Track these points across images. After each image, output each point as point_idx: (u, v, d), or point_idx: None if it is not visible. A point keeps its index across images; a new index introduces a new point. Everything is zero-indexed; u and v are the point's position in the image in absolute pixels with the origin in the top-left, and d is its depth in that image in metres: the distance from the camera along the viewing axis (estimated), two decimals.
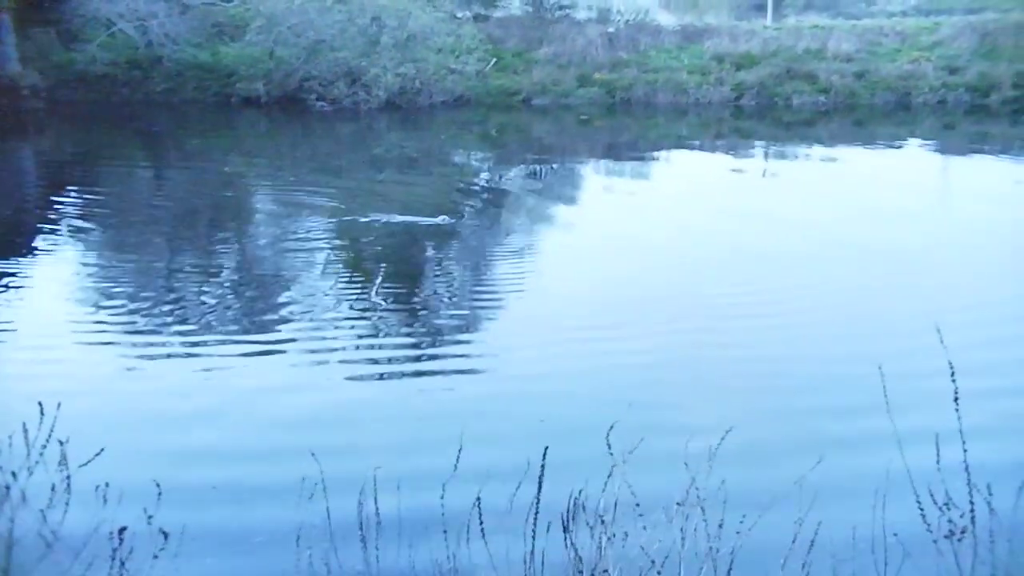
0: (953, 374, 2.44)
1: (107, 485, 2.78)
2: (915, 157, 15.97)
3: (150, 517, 2.61)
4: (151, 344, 6.15)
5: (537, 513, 2.61)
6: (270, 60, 21.26)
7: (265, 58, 21.33)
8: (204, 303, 7.07)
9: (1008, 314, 6.54)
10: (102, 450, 2.83)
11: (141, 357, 5.91)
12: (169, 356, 5.95)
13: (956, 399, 2.40)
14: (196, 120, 20.78)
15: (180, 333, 6.35)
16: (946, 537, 2.35)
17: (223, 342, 6.13)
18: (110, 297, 7.18)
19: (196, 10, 22.54)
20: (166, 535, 2.58)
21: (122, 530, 2.57)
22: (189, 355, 5.93)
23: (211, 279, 7.86)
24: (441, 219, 9.79)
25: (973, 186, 12.81)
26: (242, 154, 16.81)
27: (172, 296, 7.30)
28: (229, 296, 7.35)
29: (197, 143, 18.00)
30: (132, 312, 6.78)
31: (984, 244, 8.82)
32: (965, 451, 2.35)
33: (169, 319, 6.66)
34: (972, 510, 2.31)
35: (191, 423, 4.94)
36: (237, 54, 21.70)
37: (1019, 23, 24.69)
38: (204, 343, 6.13)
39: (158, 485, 2.83)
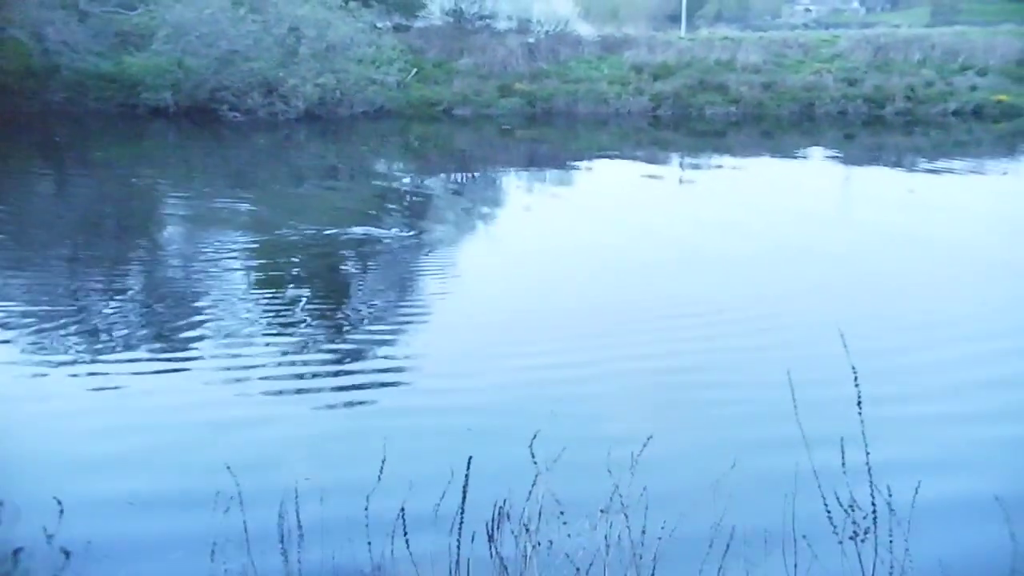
0: (856, 379, 2.57)
1: (1, 504, 2.64)
2: (819, 166, 16.74)
3: (50, 536, 2.49)
4: (54, 362, 5.86)
5: (462, 522, 2.61)
6: (179, 70, 20.60)
7: (173, 68, 20.66)
8: (112, 320, 6.77)
9: (909, 322, 6.91)
10: None
11: (44, 376, 5.63)
12: (74, 375, 5.68)
13: (859, 403, 2.53)
14: (99, 130, 19.92)
15: (85, 351, 6.07)
16: (851, 538, 2.47)
17: (132, 359, 5.89)
18: (11, 315, 6.80)
19: (96, 18, 21.63)
20: (67, 553, 2.47)
21: (17, 551, 2.45)
22: (95, 373, 5.68)
23: (120, 294, 7.55)
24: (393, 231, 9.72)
25: (871, 194, 13.51)
26: (151, 165, 16.21)
27: (77, 313, 6.96)
28: (139, 312, 7.07)
29: (101, 154, 17.26)
30: (35, 330, 6.44)
31: (885, 250, 9.31)
32: (868, 453, 2.48)
33: (74, 337, 6.36)
34: (874, 511, 2.43)
35: (98, 441, 4.76)
36: (143, 64, 20.94)
37: (908, 38, 26.29)
38: (112, 361, 5.87)
39: (59, 502, 2.71)
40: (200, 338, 6.32)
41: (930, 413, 5.14)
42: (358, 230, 9.85)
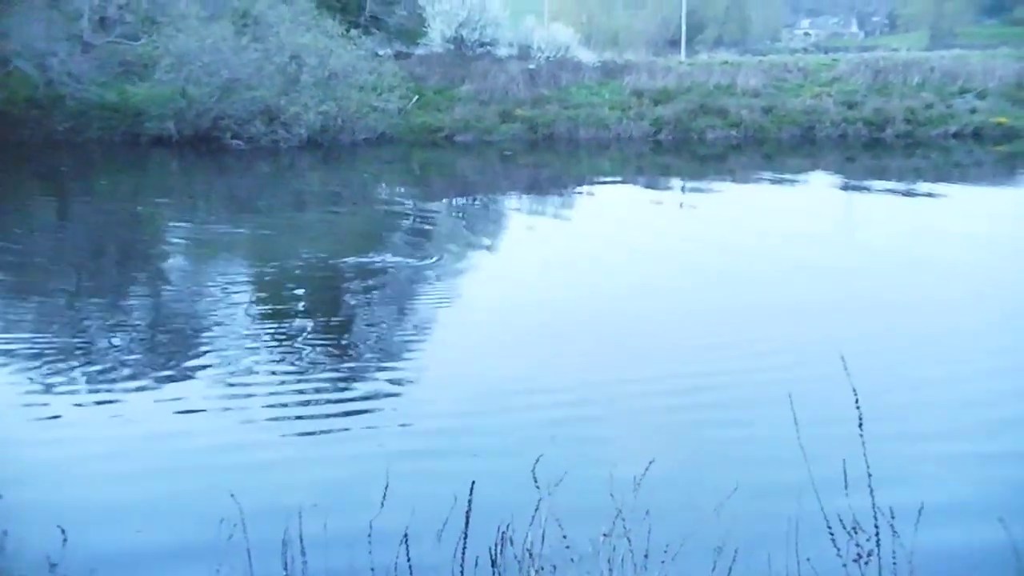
0: (857, 401, 2.57)
1: (5, 534, 2.64)
2: (820, 189, 16.81)
3: (54, 565, 2.49)
4: (58, 390, 5.87)
5: (465, 548, 2.60)
6: (182, 99, 20.83)
7: (176, 97, 20.89)
8: (117, 350, 6.79)
9: (907, 343, 6.90)
10: (0, 497, 2.69)
11: (46, 403, 5.64)
12: (79, 402, 5.70)
13: (860, 424, 2.53)
14: (103, 160, 20.11)
15: (89, 379, 6.09)
16: (854, 561, 2.46)
17: (137, 389, 5.90)
18: (14, 343, 6.82)
19: (100, 48, 21.90)
20: None
21: None
22: (101, 401, 5.70)
23: (125, 324, 7.57)
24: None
25: (873, 216, 13.55)
26: (155, 194, 16.34)
27: (80, 341, 6.99)
28: (143, 341, 7.09)
29: (105, 183, 17.40)
30: (39, 361, 6.45)
31: (887, 272, 9.31)
32: (870, 475, 2.48)
33: (77, 365, 6.38)
34: (877, 534, 2.42)
35: (102, 470, 4.77)
36: (146, 93, 21.20)
37: (907, 61, 26.50)
38: (116, 390, 5.88)
39: (63, 531, 2.70)
40: (205, 367, 6.32)
41: (933, 431, 5.12)
42: (362, 257, 9.88)
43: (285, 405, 5.65)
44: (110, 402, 5.69)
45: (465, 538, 2.62)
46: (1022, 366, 6.30)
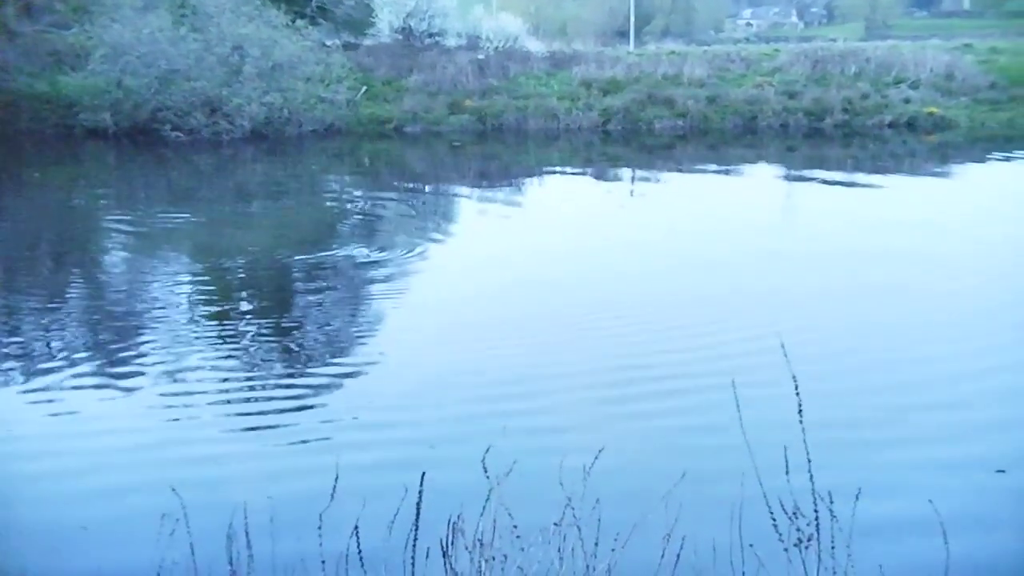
0: (796, 387, 2.64)
1: None
2: (764, 179, 17.18)
3: None
4: None
5: (416, 539, 2.60)
6: (118, 90, 20.17)
7: (112, 88, 20.21)
8: (53, 344, 6.57)
9: (843, 327, 7.12)
10: None
11: None
12: (10, 395, 5.53)
13: (800, 411, 2.59)
14: (35, 152, 19.35)
15: (25, 376, 5.91)
16: (795, 545, 2.53)
17: (74, 385, 5.73)
18: None
19: (27, 37, 21.05)
20: None
21: None
22: (35, 400, 5.54)
23: (62, 319, 7.32)
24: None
25: (812, 205, 13.91)
26: (91, 186, 15.82)
27: (15, 339, 6.74)
28: (81, 337, 6.87)
29: (39, 175, 16.76)
30: None
31: (825, 259, 9.58)
32: (809, 461, 2.55)
33: (12, 362, 6.17)
34: (817, 518, 2.50)
35: (38, 467, 4.67)
36: (79, 84, 20.48)
37: (843, 52, 27.20)
38: (52, 387, 5.70)
39: None
40: (146, 363, 6.17)
41: (870, 418, 5.29)
42: (309, 249, 9.75)
43: (230, 400, 5.56)
44: (47, 401, 5.53)
45: (416, 529, 2.61)
46: (962, 350, 6.53)
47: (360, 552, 2.61)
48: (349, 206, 14.13)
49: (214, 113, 20.41)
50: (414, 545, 2.60)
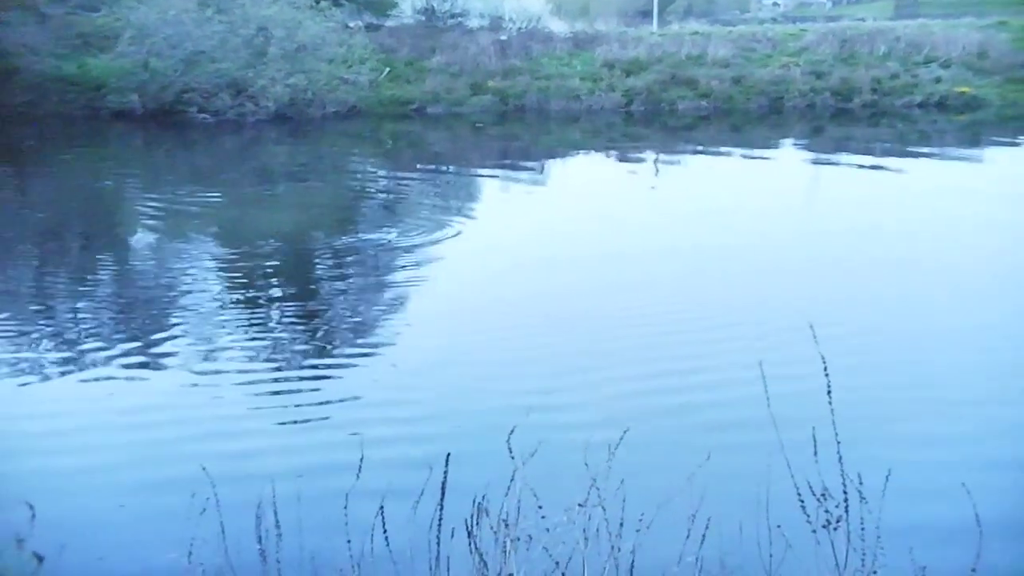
0: (826, 369, 2.62)
1: None
2: (788, 160, 16.94)
3: (21, 541, 2.47)
4: (22, 363, 5.79)
5: (441, 520, 2.62)
6: (144, 72, 20.31)
7: (138, 70, 20.37)
8: (82, 323, 6.69)
9: (874, 311, 7.03)
10: None
11: (11, 376, 5.57)
12: (45, 375, 5.63)
13: (829, 392, 2.58)
14: (63, 134, 19.58)
15: (55, 351, 6.03)
16: (824, 527, 2.51)
17: (103, 366, 5.83)
18: None
19: (56, 19, 21.24)
20: (40, 558, 2.45)
21: None
22: (65, 374, 5.65)
23: (91, 299, 7.44)
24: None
25: (839, 186, 13.71)
26: (120, 168, 15.98)
27: (47, 317, 6.87)
28: (110, 316, 6.98)
29: (68, 157, 16.98)
30: (1, 332, 6.34)
31: (852, 241, 9.45)
32: (838, 442, 2.53)
33: (43, 337, 6.30)
34: (846, 500, 2.48)
35: (70, 444, 4.75)
36: (106, 66, 20.64)
37: (872, 31, 26.66)
38: (82, 364, 5.81)
39: (31, 507, 2.68)
40: (174, 344, 6.26)
41: (901, 398, 5.24)
42: (334, 230, 9.80)
43: (258, 380, 5.62)
44: (79, 379, 5.62)
45: (441, 509, 2.64)
46: (993, 338, 6.42)
47: (385, 531, 2.64)
48: (373, 187, 14.18)
49: (239, 94, 20.51)
50: (439, 525, 2.63)
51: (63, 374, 5.72)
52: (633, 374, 5.69)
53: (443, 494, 2.64)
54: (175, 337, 6.38)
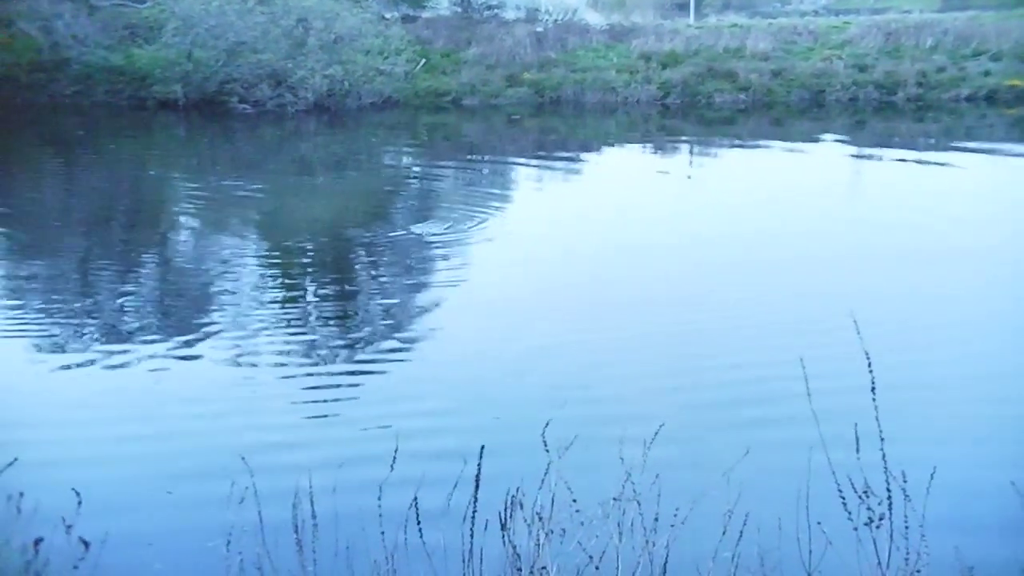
0: (870, 365, 2.56)
1: (21, 495, 2.67)
2: (830, 153, 16.61)
3: (69, 527, 2.52)
4: (69, 350, 5.92)
5: (475, 512, 2.62)
6: (188, 62, 20.63)
7: (182, 60, 20.68)
8: (125, 314, 6.83)
9: (918, 305, 6.87)
10: (15, 459, 2.72)
11: (59, 364, 5.70)
12: (91, 363, 5.75)
13: (873, 389, 2.52)
14: (109, 123, 20.00)
15: (100, 339, 6.15)
16: (865, 524, 2.46)
17: (146, 353, 5.94)
18: (25, 303, 6.87)
19: (105, 11, 21.69)
20: (87, 544, 2.49)
21: (38, 541, 2.48)
22: (110, 363, 5.75)
23: (133, 289, 7.60)
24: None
25: (882, 181, 13.40)
26: (164, 157, 16.27)
27: (91, 303, 7.03)
28: (152, 304, 7.12)
29: (114, 147, 17.33)
30: (49, 319, 6.50)
31: (900, 242, 9.24)
32: (882, 439, 2.47)
33: (89, 326, 6.44)
34: (889, 498, 2.42)
35: (113, 430, 4.84)
36: (152, 56, 21.00)
37: (919, 23, 25.99)
38: (127, 351, 5.93)
39: (77, 493, 2.74)
40: (215, 335, 6.35)
41: (945, 398, 5.11)
42: (371, 221, 9.86)
43: (293, 375, 5.67)
44: (119, 365, 5.73)
45: (475, 501, 2.63)
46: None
47: (419, 523, 2.65)
48: (410, 179, 14.24)
49: (279, 85, 20.74)
50: (473, 517, 2.63)
51: (108, 365, 5.82)
52: (670, 368, 5.63)
53: (477, 486, 2.64)
54: (216, 328, 6.47)
